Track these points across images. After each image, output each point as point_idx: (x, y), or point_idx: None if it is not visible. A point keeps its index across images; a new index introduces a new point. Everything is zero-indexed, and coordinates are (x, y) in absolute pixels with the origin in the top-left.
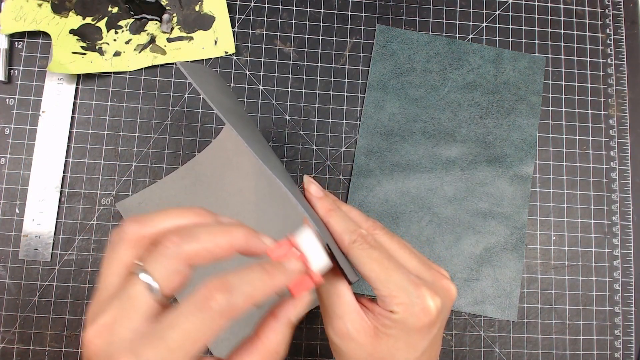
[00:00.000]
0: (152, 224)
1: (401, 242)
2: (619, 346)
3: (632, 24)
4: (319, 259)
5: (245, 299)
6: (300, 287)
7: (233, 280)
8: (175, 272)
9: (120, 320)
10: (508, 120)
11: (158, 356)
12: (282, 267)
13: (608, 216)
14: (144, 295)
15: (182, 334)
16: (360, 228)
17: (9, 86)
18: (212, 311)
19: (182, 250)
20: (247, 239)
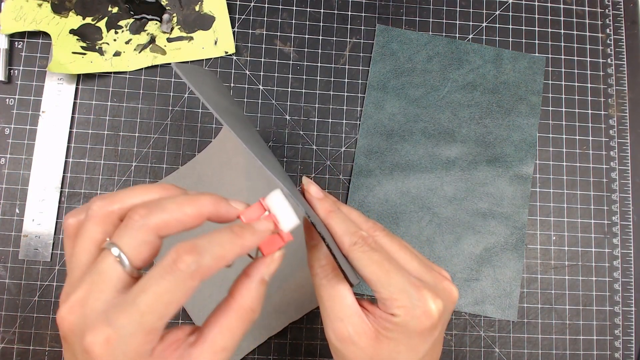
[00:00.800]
0: (119, 199)
1: (402, 243)
2: (619, 346)
3: (632, 24)
4: (288, 218)
5: (214, 259)
6: (270, 246)
7: (201, 242)
8: (143, 243)
9: (92, 294)
10: (508, 120)
11: (131, 321)
12: (251, 227)
13: (608, 216)
14: (114, 268)
15: (153, 297)
16: (360, 230)
17: (9, 86)
18: (182, 272)
19: (149, 221)
20: (216, 205)
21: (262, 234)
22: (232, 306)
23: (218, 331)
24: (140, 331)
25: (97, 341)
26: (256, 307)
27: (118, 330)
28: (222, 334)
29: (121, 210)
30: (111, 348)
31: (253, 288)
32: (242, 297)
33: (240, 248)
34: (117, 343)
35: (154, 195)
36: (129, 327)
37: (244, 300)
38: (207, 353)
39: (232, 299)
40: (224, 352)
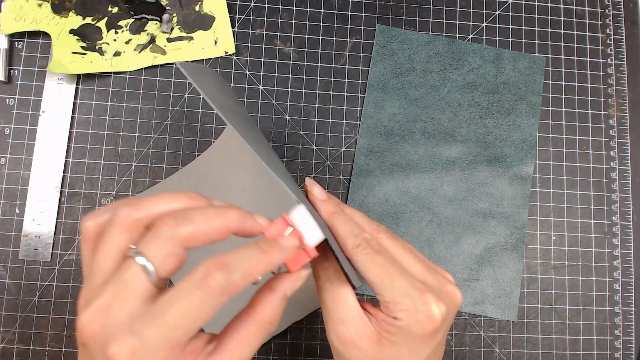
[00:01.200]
0: (145, 207)
1: (405, 245)
2: (619, 346)
3: (632, 24)
4: (312, 234)
5: (243, 276)
6: (296, 262)
7: (230, 259)
8: (170, 254)
9: (116, 302)
10: (508, 120)
11: (158, 334)
12: (278, 244)
13: (608, 216)
14: (140, 277)
15: (182, 312)
16: (364, 232)
17: (9, 86)
18: (211, 289)
19: (177, 233)
20: (242, 220)
21: (289, 251)
22: (253, 318)
23: (237, 342)
24: (166, 345)
25: (122, 352)
26: (275, 321)
27: (144, 342)
28: (240, 345)
29: (148, 219)
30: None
31: (275, 303)
32: (263, 310)
33: (267, 265)
34: (142, 355)
35: (180, 204)
36: (155, 340)
37: (265, 313)
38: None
39: (253, 310)
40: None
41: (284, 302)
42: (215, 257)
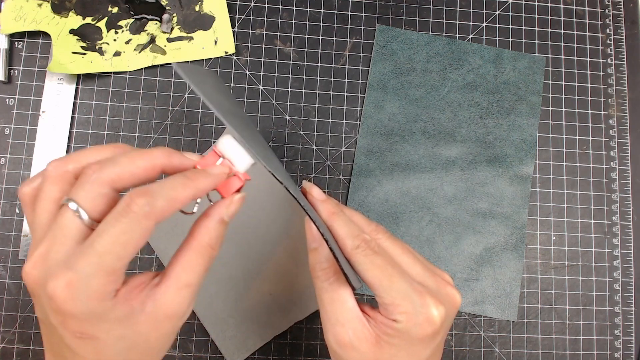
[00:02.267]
0: (73, 159)
1: (405, 246)
2: (619, 346)
3: (632, 24)
4: (242, 160)
5: (167, 201)
6: (229, 188)
7: (154, 186)
8: (99, 195)
9: (53, 247)
10: (508, 120)
11: (90, 263)
12: (205, 171)
13: (608, 216)
14: (73, 221)
15: (110, 240)
16: (363, 232)
17: (9, 86)
18: (135, 214)
19: (102, 174)
20: (168, 156)
21: (217, 177)
22: (192, 244)
23: (180, 269)
24: (100, 272)
25: (59, 285)
26: (215, 245)
27: (78, 273)
28: (184, 271)
29: (76, 170)
30: (73, 290)
31: (212, 227)
32: (200, 235)
33: (193, 190)
34: (78, 285)
35: (107, 154)
36: (88, 268)
37: (203, 238)
38: (172, 289)
39: (192, 237)
40: (188, 288)
41: (221, 226)
42: (140, 187)
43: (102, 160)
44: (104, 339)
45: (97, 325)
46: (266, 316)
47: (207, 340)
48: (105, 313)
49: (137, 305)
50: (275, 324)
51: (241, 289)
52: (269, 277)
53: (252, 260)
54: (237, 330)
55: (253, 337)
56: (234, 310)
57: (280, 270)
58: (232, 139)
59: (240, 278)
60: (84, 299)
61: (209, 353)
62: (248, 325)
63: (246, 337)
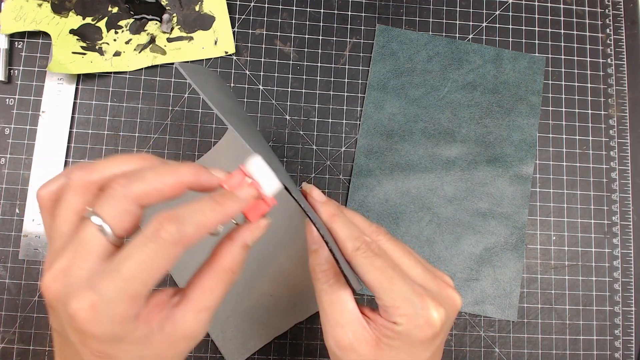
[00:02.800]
0: (98, 170)
1: (405, 248)
2: (619, 346)
3: (632, 24)
4: (270, 183)
5: (196, 227)
6: (255, 212)
7: (183, 211)
8: (125, 212)
9: (75, 262)
10: (508, 120)
11: (115, 287)
12: (233, 195)
13: (608, 216)
14: (97, 237)
15: (136, 265)
16: (363, 234)
17: (9, 86)
18: (164, 241)
19: (129, 191)
20: (196, 174)
21: (245, 201)
22: (214, 267)
23: (200, 292)
24: (124, 297)
25: (81, 307)
26: (236, 270)
27: (102, 296)
28: (204, 294)
29: (101, 180)
30: (96, 313)
31: (235, 252)
32: (224, 259)
33: (222, 215)
34: (101, 308)
35: (133, 165)
36: (113, 293)
37: (225, 262)
38: (190, 312)
39: (214, 260)
40: (206, 311)
41: (244, 251)
42: (168, 211)
43: (128, 173)
44: (122, 358)
45: (117, 346)
46: (266, 317)
47: (207, 341)
48: (126, 335)
49: (156, 325)
50: (275, 325)
51: (242, 290)
52: (269, 278)
53: (253, 261)
54: (237, 331)
55: (253, 338)
56: (234, 311)
57: (281, 272)
58: (261, 160)
59: (241, 279)
60: (106, 322)
61: (209, 353)
62: (248, 325)
63: (246, 337)
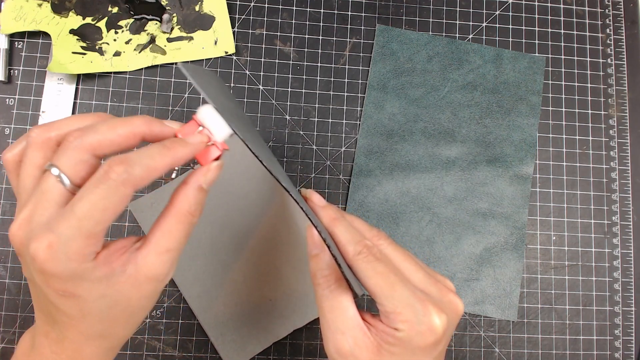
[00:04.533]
0: (56, 127)
1: (406, 253)
2: (619, 346)
3: (632, 24)
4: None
5: (144, 169)
6: (207, 156)
7: (132, 155)
8: (80, 161)
9: (37, 210)
10: (508, 120)
11: (70, 226)
12: (183, 141)
13: (608, 216)
14: (56, 186)
15: (89, 205)
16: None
17: (9, 86)
18: (113, 181)
19: (83, 141)
20: (148, 124)
21: (195, 146)
22: (172, 211)
23: (160, 234)
24: (79, 235)
25: (40, 247)
26: (194, 212)
27: (59, 235)
28: (164, 237)
29: (58, 137)
30: (53, 252)
31: (190, 194)
32: (180, 202)
33: (171, 159)
34: (58, 247)
35: (89, 122)
36: (68, 231)
37: (182, 205)
38: (152, 253)
39: (172, 204)
40: (168, 253)
41: (200, 194)
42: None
43: (83, 127)
44: (86, 297)
45: (78, 285)
46: (266, 322)
47: (207, 341)
48: (85, 273)
49: (118, 267)
50: (274, 330)
51: (242, 294)
52: (269, 283)
53: (253, 265)
54: (236, 334)
55: (252, 342)
56: (234, 314)
57: (281, 277)
58: (212, 109)
59: (241, 283)
60: (64, 260)
61: (208, 353)
62: (248, 329)
63: (245, 341)
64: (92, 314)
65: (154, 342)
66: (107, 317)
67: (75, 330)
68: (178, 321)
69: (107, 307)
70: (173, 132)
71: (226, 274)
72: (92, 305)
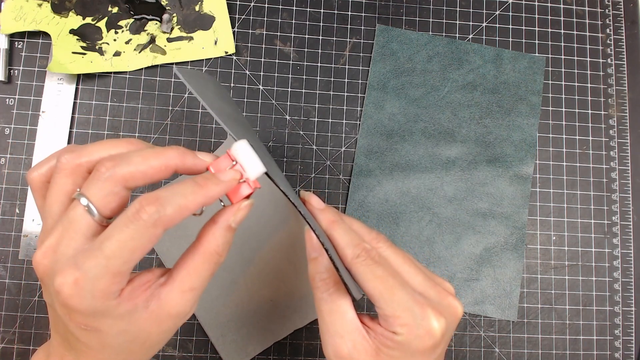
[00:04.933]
0: (87, 153)
1: (405, 255)
2: (619, 346)
3: (632, 24)
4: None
5: (176, 209)
6: (238, 194)
7: (163, 193)
8: (110, 193)
9: (63, 240)
10: (508, 120)
11: (97, 264)
12: (215, 177)
13: (608, 216)
14: (84, 217)
15: (117, 244)
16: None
17: (9, 86)
18: (144, 222)
19: (115, 173)
20: (182, 157)
21: (227, 184)
22: (199, 250)
23: (186, 273)
24: (106, 274)
25: (66, 282)
26: (222, 251)
27: (85, 272)
28: (189, 275)
29: (89, 164)
30: (79, 289)
31: (219, 234)
32: (208, 242)
33: (203, 198)
34: (84, 284)
35: (121, 149)
36: (95, 270)
37: (210, 245)
38: (176, 292)
39: (199, 243)
40: (192, 292)
41: (228, 233)
42: (149, 193)
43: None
44: (107, 331)
45: (100, 320)
46: (266, 322)
47: (207, 341)
48: (109, 310)
49: (141, 303)
50: (275, 331)
51: (242, 294)
52: (269, 284)
53: (254, 265)
54: (237, 335)
55: (253, 343)
56: (235, 315)
57: (281, 277)
58: (247, 145)
59: (241, 283)
60: (89, 297)
61: (209, 353)
62: (248, 330)
63: (246, 342)
64: (111, 346)
65: None
66: (126, 350)
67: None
68: None
69: (127, 341)
70: (205, 165)
71: (227, 275)
72: (112, 340)
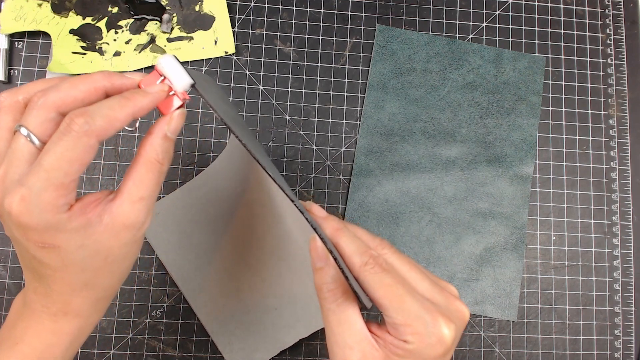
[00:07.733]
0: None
1: (411, 262)
2: (619, 346)
3: (632, 24)
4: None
5: (105, 120)
6: (168, 106)
7: (92, 107)
8: (47, 120)
9: (9, 169)
10: (508, 120)
11: (39, 178)
12: (143, 91)
13: (608, 216)
14: (25, 145)
15: (55, 156)
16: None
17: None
18: (76, 132)
19: (47, 99)
20: (109, 78)
21: (154, 95)
22: (140, 161)
23: (132, 184)
24: (49, 186)
25: (14, 201)
26: (162, 160)
27: (29, 188)
28: (136, 186)
29: (26, 99)
30: (26, 204)
31: (156, 143)
32: (147, 152)
33: (131, 109)
34: (30, 199)
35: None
36: (38, 183)
37: (150, 154)
38: (127, 203)
39: (139, 155)
40: (141, 201)
41: (166, 142)
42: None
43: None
44: (65, 247)
45: (55, 236)
46: (271, 331)
47: (207, 340)
48: (61, 224)
49: (94, 217)
50: (280, 339)
51: (248, 303)
52: (274, 292)
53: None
54: (244, 344)
55: (259, 350)
56: (240, 324)
57: (286, 286)
58: (172, 58)
59: (246, 292)
60: (37, 211)
61: (208, 353)
62: (255, 338)
63: (252, 350)
64: (74, 263)
65: (154, 342)
66: (90, 266)
67: (60, 282)
68: (178, 321)
69: (87, 256)
70: (135, 83)
71: (233, 284)
72: (73, 256)
